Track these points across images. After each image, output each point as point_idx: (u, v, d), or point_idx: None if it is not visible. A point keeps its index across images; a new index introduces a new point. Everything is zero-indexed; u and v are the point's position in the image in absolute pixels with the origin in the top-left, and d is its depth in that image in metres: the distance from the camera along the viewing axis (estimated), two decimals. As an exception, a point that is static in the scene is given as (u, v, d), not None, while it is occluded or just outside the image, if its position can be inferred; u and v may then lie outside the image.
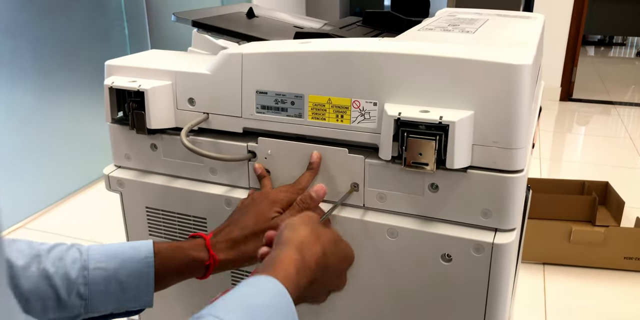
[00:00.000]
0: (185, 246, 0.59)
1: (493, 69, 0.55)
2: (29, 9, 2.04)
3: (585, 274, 1.77)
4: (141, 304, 0.56)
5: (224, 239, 0.60)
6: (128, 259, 0.55)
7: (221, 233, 0.61)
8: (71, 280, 0.53)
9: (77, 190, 2.32)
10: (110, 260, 0.55)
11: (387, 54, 0.58)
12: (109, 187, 0.77)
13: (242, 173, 0.70)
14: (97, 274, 0.54)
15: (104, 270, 0.54)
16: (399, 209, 0.63)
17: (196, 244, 0.59)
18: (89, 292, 0.54)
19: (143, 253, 0.56)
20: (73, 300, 0.53)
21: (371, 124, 0.61)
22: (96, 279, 0.54)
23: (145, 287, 0.55)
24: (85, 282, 0.54)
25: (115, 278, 0.55)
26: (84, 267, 0.54)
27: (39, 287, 0.52)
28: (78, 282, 0.53)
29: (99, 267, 0.54)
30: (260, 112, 0.66)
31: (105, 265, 0.55)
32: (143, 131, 0.70)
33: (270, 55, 0.64)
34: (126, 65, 0.72)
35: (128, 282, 0.55)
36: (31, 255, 0.54)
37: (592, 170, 2.65)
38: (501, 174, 0.57)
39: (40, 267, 0.53)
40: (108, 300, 0.55)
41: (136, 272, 0.55)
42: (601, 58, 5.53)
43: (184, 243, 0.60)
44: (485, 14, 0.88)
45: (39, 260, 0.53)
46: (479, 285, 0.60)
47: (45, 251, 0.55)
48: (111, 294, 0.54)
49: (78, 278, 0.53)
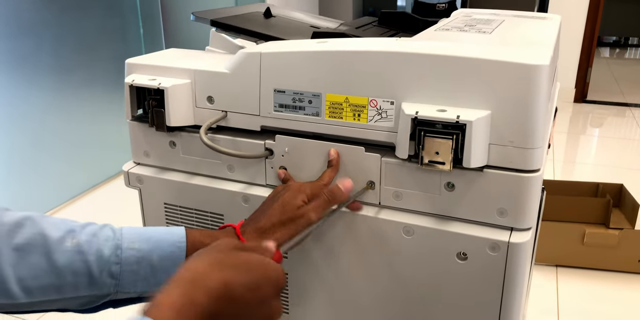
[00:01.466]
0: (217, 233, 0.59)
1: (511, 69, 0.55)
2: (50, 8, 2.07)
3: (598, 277, 1.76)
4: None
5: (252, 228, 0.60)
6: (161, 241, 0.55)
7: (249, 223, 0.61)
8: (104, 257, 0.53)
9: (93, 187, 2.35)
10: (144, 241, 0.55)
11: (405, 54, 0.59)
12: (128, 184, 0.79)
13: (259, 170, 0.71)
14: (130, 254, 0.54)
15: (136, 250, 0.54)
16: (415, 208, 0.64)
17: (227, 232, 0.60)
18: (121, 272, 0.54)
19: (176, 237, 0.56)
20: (104, 279, 0.53)
21: (388, 122, 0.62)
22: (129, 259, 0.54)
23: (175, 271, 0.56)
24: (117, 262, 0.54)
25: (147, 260, 0.54)
26: (117, 246, 0.54)
27: (73, 262, 0.52)
28: (111, 260, 0.53)
29: (132, 248, 0.54)
30: (278, 111, 0.67)
31: (139, 246, 0.55)
32: (162, 129, 0.72)
33: (288, 54, 0.65)
34: (146, 63, 0.73)
35: (160, 265, 0.55)
36: (65, 229, 0.54)
37: (606, 172, 2.63)
38: (518, 173, 0.58)
39: (74, 241, 0.53)
40: (138, 282, 0.55)
41: (168, 256, 0.55)
42: (616, 59, 5.47)
43: (215, 231, 0.60)
44: (501, 15, 0.88)
45: (73, 235, 0.53)
46: (494, 284, 0.61)
47: (80, 227, 0.55)
48: (142, 276, 0.54)
49: (111, 256, 0.53)
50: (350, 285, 0.69)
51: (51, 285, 0.52)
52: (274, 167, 0.70)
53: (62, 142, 2.22)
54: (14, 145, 2.03)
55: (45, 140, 2.15)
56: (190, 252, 0.56)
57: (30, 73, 2.05)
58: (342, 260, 0.68)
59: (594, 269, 1.79)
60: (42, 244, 0.52)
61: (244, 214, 0.68)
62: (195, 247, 0.56)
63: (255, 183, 0.72)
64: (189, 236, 0.57)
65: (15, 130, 2.03)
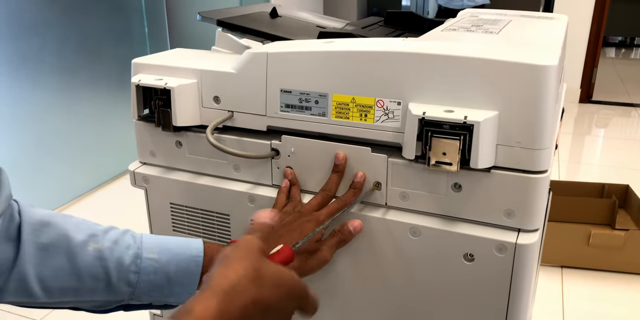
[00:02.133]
0: None
1: (519, 69, 0.55)
2: (53, 9, 2.08)
3: (604, 278, 1.76)
4: (182, 301, 0.56)
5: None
6: (179, 254, 0.55)
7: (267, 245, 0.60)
8: (124, 266, 0.54)
9: (96, 187, 2.36)
10: (162, 252, 0.55)
11: (412, 54, 0.59)
12: (134, 183, 0.79)
13: (265, 170, 0.71)
14: (149, 264, 0.54)
15: (155, 261, 0.55)
16: (421, 208, 0.63)
17: None
18: (138, 281, 0.54)
19: (194, 251, 0.56)
20: (121, 286, 0.54)
21: (395, 123, 0.62)
22: (147, 268, 0.54)
23: (190, 285, 0.55)
24: (136, 271, 0.54)
25: (164, 271, 0.55)
26: (137, 255, 0.54)
27: (93, 267, 0.53)
28: (130, 269, 0.54)
29: (151, 258, 0.55)
30: (284, 111, 0.67)
31: (157, 257, 0.55)
32: (169, 128, 0.72)
33: (295, 54, 0.65)
34: (153, 63, 0.73)
35: (175, 278, 0.55)
36: (88, 233, 0.54)
37: (612, 173, 2.62)
38: (525, 174, 0.57)
39: (97, 246, 0.53)
40: (153, 292, 0.55)
41: (185, 269, 0.55)
42: (622, 60, 5.45)
43: None
44: (508, 15, 0.88)
45: (96, 239, 0.54)
46: (501, 285, 0.60)
47: (102, 232, 0.55)
48: (157, 287, 0.55)
49: (131, 265, 0.54)
50: (356, 286, 0.69)
51: (70, 288, 0.53)
52: (280, 168, 0.70)
53: (66, 143, 2.23)
54: (17, 145, 2.03)
55: (49, 140, 2.16)
56: (207, 266, 0.56)
57: (34, 73, 2.05)
58: (348, 261, 0.68)
59: (600, 270, 1.79)
60: (65, 245, 0.53)
61: (249, 214, 0.68)
62: (211, 262, 0.56)
63: (261, 183, 0.72)
64: (206, 251, 0.57)
65: (19, 131, 2.04)
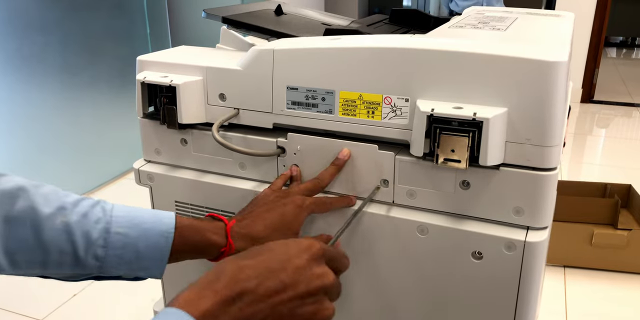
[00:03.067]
0: (206, 228, 0.58)
1: (529, 65, 0.54)
2: (56, 8, 2.07)
3: (607, 278, 1.75)
4: (151, 275, 0.56)
5: (245, 232, 0.59)
6: (149, 229, 0.55)
7: (243, 224, 0.60)
8: (91, 240, 0.53)
9: (97, 187, 2.35)
10: (133, 227, 0.54)
11: (421, 50, 0.58)
12: (138, 181, 0.78)
13: (271, 168, 0.70)
14: (117, 239, 0.54)
15: (124, 236, 0.54)
16: (429, 206, 0.63)
17: (217, 228, 0.59)
18: (106, 255, 0.53)
19: (164, 226, 0.56)
20: (89, 260, 0.53)
21: (402, 120, 0.61)
22: (115, 243, 0.54)
23: (159, 260, 0.55)
24: (104, 245, 0.53)
25: (133, 246, 0.54)
26: (106, 230, 0.53)
27: (60, 241, 0.52)
28: (97, 243, 0.53)
29: (120, 233, 0.54)
30: (290, 108, 0.66)
31: (127, 231, 0.54)
32: (174, 126, 0.71)
33: (301, 51, 0.64)
34: (158, 60, 0.73)
35: (145, 253, 0.55)
36: (57, 206, 0.53)
37: (613, 172, 2.61)
38: (534, 171, 0.57)
39: (65, 220, 0.52)
40: (121, 266, 0.54)
41: (154, 244, 0.55)
42: (623, 60, 5.45)
43: (206, 224, 0.59)
44: (514, 12, 0.87)
45: (64, 213, 0.53)
46: (510, 283, 0.60)
47: (71, 205, 0.54)
48: (126, 261, 0.54)
49: (98, 240, 0.53)
50: (363, 284, 0.68)
51: (37, 261, 0.52)
52: (286, 165, 0.69)
53: (67, 142, 2.22)
54: (17, 144, 2.03)
55: (50, 139, 2.15)
56: (177, 243, 0.56)
57: (37, 73, 2.05)
58: (355, 259, 0.68)
59: (602, 270, 1.78)
60: (32, 218, 0.52)
61: (256, 212, 0.67)
62: (182, 239, 0.56)
63: (267, 181, 0.71)
64: (178, 226, 0.57)
65: (19, 130, 2.03)
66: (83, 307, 1.61)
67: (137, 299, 1.62)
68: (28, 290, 1.67)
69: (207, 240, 0.57)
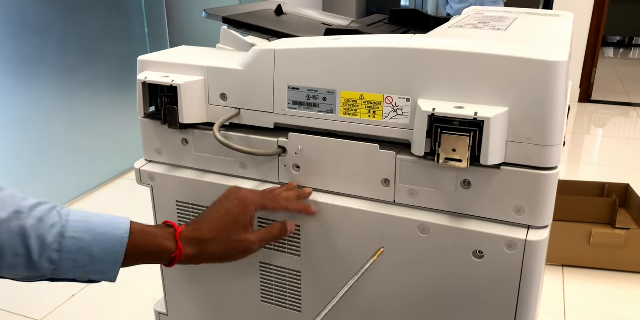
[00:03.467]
0: (158, 234, 0.60)
1: (529, 65, 0.55)
2: (54, 8, 2.07)
3: (605, 277, 1.76)
4: (105, 278, 0.58)
5: (192, 235, 0.61)
6: (104, 233, 0.56)
7: (191, 228, 0.62)
8: (46, 244, 0.54)
9: (96, 187, 2.35)
10: (87, 232, 0.56)
11: (422, 50, 0.59)
12: (139, 181, 0.78)
13: (272, 168, 0.70)
14: (72, 243, 0.55)
15: (78, 240, 0.55)
16: (430, 206, 0.63)
17: (167, 233, 0.61)
18: (60, 259, 0.54)
19: (119, 232, 0.57)
20: (43, 263, 0.54)
21: (404, 120, 0.61)
22: (70, 248, 0.55)
23: (113, 263, 0.57)
24: (59, 249, 0.54)
25: (87, 250, 0.55)
26: (60, 234, 0.54)
27: (14, 244, 0.53)
28: (52, 247, 0.54)
29: (75, 237, 0.55)
30: (292, 108, 0.67)
31: (81, 236, 0.55)
32: (175, 126, 0.71)
33: (302, 51, 0.64)
34: (159, 60, 0.73)
35: (98, 257, 0.56)
36: (13, 209, 0.54)
37: (611, 172, 2.62)
38: (535, 171, 0.57)
39: (20, 224, 0.53)
40: (76, 269, 0.56)
41: (108, 249, 0.56)
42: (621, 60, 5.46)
43: (158, 230, 0.61)
44: (514, 12, 0.88)
45: (20, 217, 0.53)
46: (511, 282, 0.60)
47: (28, 209, 0.55)
48: (80, 265, 0.55)
49: (53, 244, 0.54)
50: (365, 283, 0.69)
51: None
52: (287, 165, 0.69)
53: (65, 142, 2.22)
54: (16, 145, 2.03)
55: (49, 139, 2.15)
56: (130, 248, 0.57)
57: (35, 73, 2.05)
58: (357, 259, 0.68)
59: (601, 269, 1.79)
60: None
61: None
62: (135, 244, 0.58)
63: (268, 181, 0.72)
64: (132, 231, 0.58)
65: (18, 130, 2.03)
66: (82, 307, 1.61)
67: (137, 300, 1.62)
68: (27, 291, 1.66)
69: (158, 246, 0.59)
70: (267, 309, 0.77)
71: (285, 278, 0.74)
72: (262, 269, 0.75)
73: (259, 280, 0.76)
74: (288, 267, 0.73)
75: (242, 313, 0.80)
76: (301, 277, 0.72)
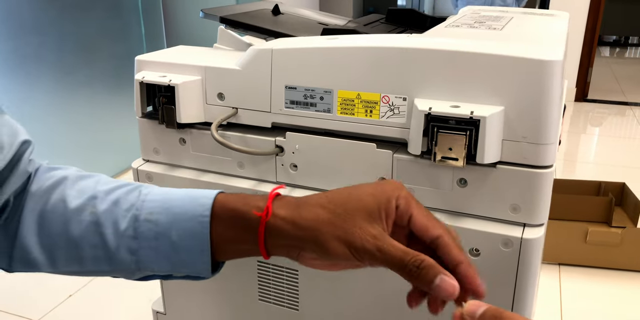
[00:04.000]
0: (250, 197, 0.46)
1: (524, 64, 0.55)
2: (51, 8, 2.07)
3: (601, 275, 1.77)
4: (196, 272, 0.46)
5: (292, 198, 0.46)
6: (181, 213, 0.44)
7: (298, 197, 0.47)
8: (120, 231, 0.45)
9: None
10: (163, 212, 0.45)
11: (419, 50, 0.59)
12: (137, 181, 0.78)
13: (269, 167, 0.71)
14: (148, 227, 0.45)
15: (154, 223, 0.45)
16: (426, 204, 0.63)
17: (261, 196, 0.46)
18: (139, 248, 0.45)
19: (199, 209, 0.44)
20: (123, 254, 0.45)
21: (400, 119, 0.62)
22: (146, 233, 0.45)
23: (199, 251, 0.44)
24: (134, 236, 0.45)
25: (166, 235, 0.44)
26: (135, 218, 0.45)
27: (89, 234, 0.45)
28: (127, 234, 0.45)
29: (150, 220, 0.45)
30: (289, 107, 0.67)
31: (157, 217, 0.45)
32: (172, 125, 0.71)
33: (300, 50, 0.65)
34: (156, 60, 0.73)
35: (180, 243, 0.44)
36: (88, 195, 0.46)
37: (607, 171, 2.63)
38: (531, 169, 0.58)
39: (93, 211, 0.45)
40: (160, 260, 0.45)
41: (189, 232, 0.44)
42: (617, 59, 5.48)
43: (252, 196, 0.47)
44: (509, 12, 0.88)
45: (94, 203, 0.46)
46: (507, 279, 0.61)
47: (104, 192, 0.46)
48: (163, 254, 0.45)
49: (127, 230, 0.45)
50: (360, 282, 0.69)
51: (71, 257, 0.46)
52: (285, 164, 0.70)
53: (62, 141, 2.22)
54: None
55: (46, 138, 2.15)
56: (216, 227, 0.44)
57: (32, 73, 2.04)
58: (353, 257, 0.68)
59: (597, 268, 1.80)
60: (61, 212, 0.46)
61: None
62: (222, 220, 0.44)
63: (265, 180, 0.72)
64: (219, 205, 0.45)
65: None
66: (79, 308, 1.61)
67: (134, 299, 1.62)
68: (24, 291, 1.66)
69: (247, 205, 0.45)
70: (265, 308, 0.77)
71: (282, 277, 0.74)
72: (260, 267, 0.75)
73: (257, 278, 0.76)
74: (286, 266, 0.73)
75: (240, 312, 0.80)
76: (298, 275, 0.73)
